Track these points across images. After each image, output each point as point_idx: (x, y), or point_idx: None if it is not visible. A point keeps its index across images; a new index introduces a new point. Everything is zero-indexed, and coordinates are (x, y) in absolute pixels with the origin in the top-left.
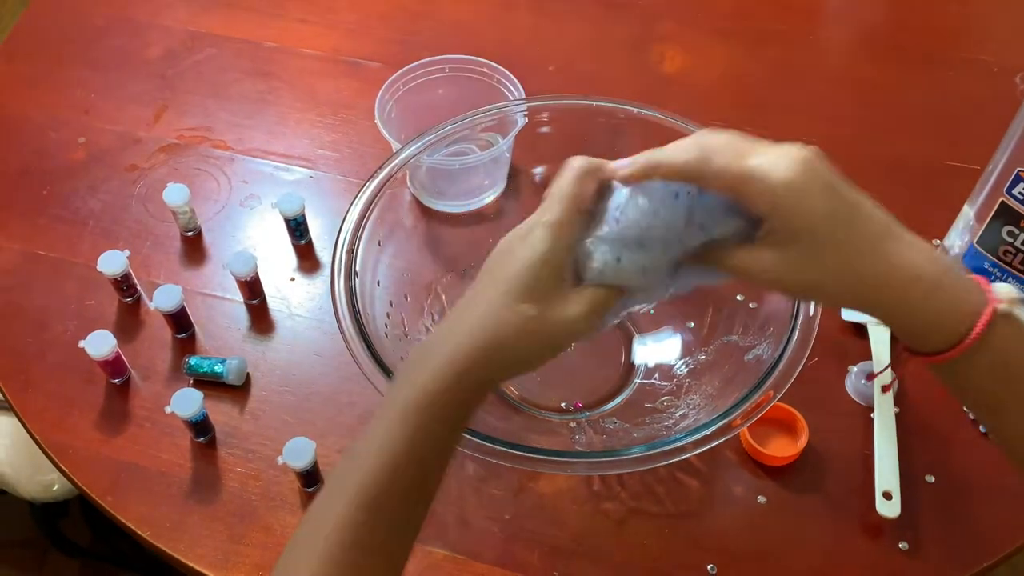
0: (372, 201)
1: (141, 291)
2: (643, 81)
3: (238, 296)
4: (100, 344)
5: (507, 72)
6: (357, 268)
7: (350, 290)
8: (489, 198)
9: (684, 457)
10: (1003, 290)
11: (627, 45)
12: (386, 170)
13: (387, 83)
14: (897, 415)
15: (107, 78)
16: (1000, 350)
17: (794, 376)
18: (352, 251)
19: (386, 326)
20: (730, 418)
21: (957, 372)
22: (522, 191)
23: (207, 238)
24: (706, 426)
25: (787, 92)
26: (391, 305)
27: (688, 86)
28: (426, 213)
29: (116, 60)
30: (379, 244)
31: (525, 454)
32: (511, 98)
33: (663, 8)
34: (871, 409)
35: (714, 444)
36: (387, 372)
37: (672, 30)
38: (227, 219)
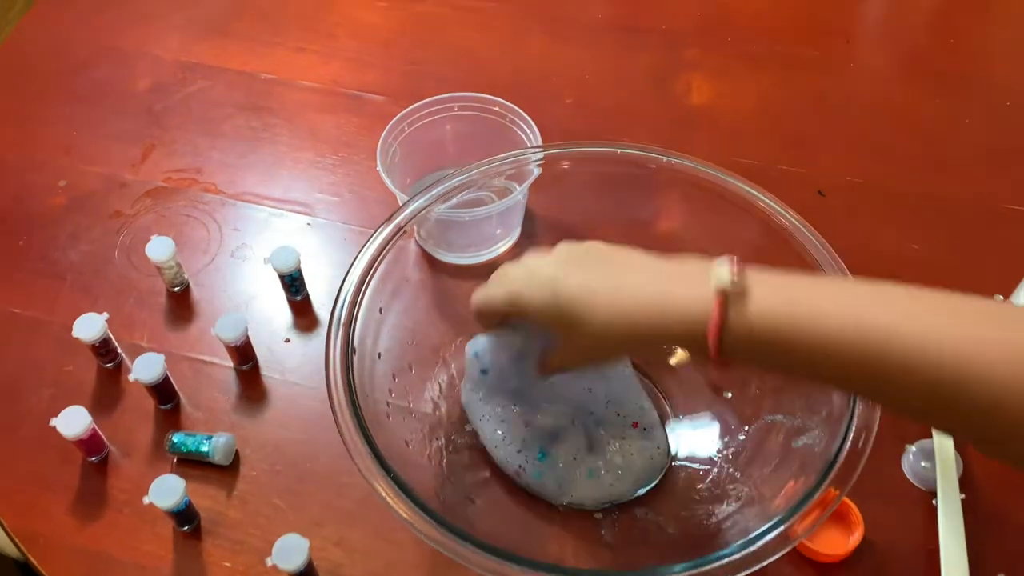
0: (372, 264)
1: (122, 355)
2: (669, 114)
3: (227, 360)
4: (73, 422)
5: (521, 112)
6: (355, 343)
7: (347, 368)
8: (502, 248)
9: None
10: (721, 279)
11: (650, 74)
12: (388, 230)
13: (390, 125)
14: (964, 501)
15: (91, 114)
16: (749, 331)
17: (858, 471)
18: (350, 324)
19: (388, 404)
20: (787, 525)
21: (746, 360)
22: (538, 238)
23: (195, 293)
24: (759, 537)
25: (825, 124)
26: (394, 379)
27: (718, 119)
28: (434, 265)
29: (101, 94)
30: (380, 312)
31: (539, 573)
32: (524, 138)
33: (688, 32)
34: (933, 494)
35: (771, 560)
36: (385, 468)
37: (698, 57)
38: (216, 272)
